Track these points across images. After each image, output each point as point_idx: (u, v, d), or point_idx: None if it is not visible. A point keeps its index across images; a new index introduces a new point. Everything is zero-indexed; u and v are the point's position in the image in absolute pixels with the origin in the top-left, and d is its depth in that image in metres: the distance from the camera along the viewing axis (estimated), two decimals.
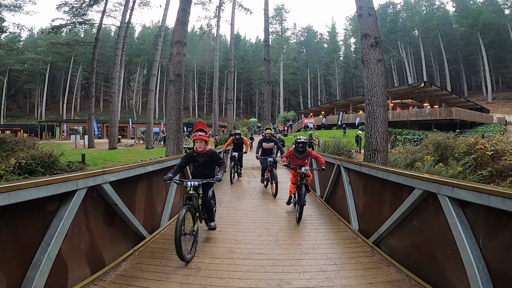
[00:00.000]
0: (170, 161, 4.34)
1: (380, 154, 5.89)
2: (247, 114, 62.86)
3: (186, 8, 8.65)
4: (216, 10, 30.77)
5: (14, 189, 1.69)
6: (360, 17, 6.45)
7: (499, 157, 7.79)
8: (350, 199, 4.20)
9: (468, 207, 2.00)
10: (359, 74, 49.83)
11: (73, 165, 12.07)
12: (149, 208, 3.65)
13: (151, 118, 22.94)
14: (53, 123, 36.52)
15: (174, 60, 8.32)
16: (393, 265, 2.71)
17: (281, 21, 53.02)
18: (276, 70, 48.85)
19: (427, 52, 49.92)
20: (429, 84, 26.36)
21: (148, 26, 62.93)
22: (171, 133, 8.05)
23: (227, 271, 2.59)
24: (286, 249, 3.14)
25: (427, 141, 9.60)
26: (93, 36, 27.66)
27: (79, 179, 2.26)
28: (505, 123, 27.99)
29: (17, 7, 24.06)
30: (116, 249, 2.82)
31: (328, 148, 11.83)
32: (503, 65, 43.43)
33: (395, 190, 2.94)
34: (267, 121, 21.77)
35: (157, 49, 23.47)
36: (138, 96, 56.13)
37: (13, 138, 12.50)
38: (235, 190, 6.71)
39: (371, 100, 6.08)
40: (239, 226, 3.96)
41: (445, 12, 49.84)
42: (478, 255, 1.84)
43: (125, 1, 23.27)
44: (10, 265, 1.74)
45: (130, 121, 36.37)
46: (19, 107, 55.12)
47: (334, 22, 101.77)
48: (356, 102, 33.13)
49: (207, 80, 58.17)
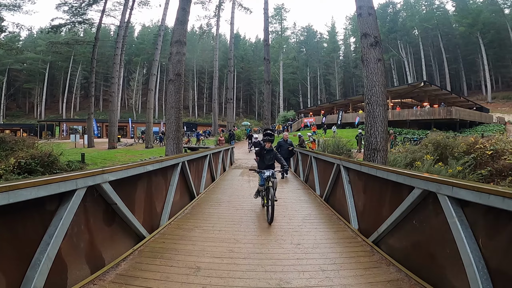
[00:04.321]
0: (169, 160, 4.33)
1: (380, 154, 5.90)
2: (246, 114, 62.89)
3: (186, 8, 8.64)
4: (216, 9, 30.78)
5: (13, 188, 1.68)
6: (360, 16, 6.45)
7: (498, 157, 7.80)
8: (349, 198, 4.20)
9: (468, 207, 2.00)
10: (359, 74, 49.84)
11: (73, 165, 12.07)
12: (149, 208, 3.64)
13: (150, 118, 22.93)
14: (53, 123, 36.50)
15: (174, 59, 8.31)
16: (393, 265, 2.71)
17: (281, 20, 53.02)
18: (276, 69, 48.82)
19: (427, 51, 49.94)
20: (429, 84, 26.38)
21: (148, 26, 62.97)
22: (171, 133, 8.04)
23: (227, 270, 2.59)
24: (286, 249, 3.14)
25: (426, 141, 9.61)
26: (93, 35, 27.59)
27: (78, 178, 2.25)
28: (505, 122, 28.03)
29: (16, 7, 24.03)
30: (115, 248, 2.82)
31: (328, 147, 11.84)
32: (502, 64, 43.46)
33: (395, 190, 2.94)
34: (267, 121, 21.77)
35: (157, 48, 23.46)
36: (137, 96, 56.11)
37: (13, 138, 12.51)
38: (235, 190, 6.71)
39: (371, 99, 6.08)
40: (239, 225, 3.96)
41: (445, 12, 49.86)
42: (478, 254, 1.84)
43: (125, 0, 23.24)
44: (9, 265, 1.74)
45: (130, 121, 36.39)
46: (19, 107, 55.08)
47: (334, 21, 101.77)
48: (355, 102, 33.14)
49: (207, 79, 58.14)
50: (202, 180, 6.42)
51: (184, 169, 4.97)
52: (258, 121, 53.31)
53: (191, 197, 5.42)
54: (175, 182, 4.40)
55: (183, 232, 3.64)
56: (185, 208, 4.81)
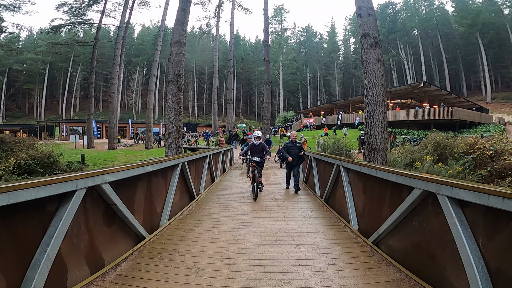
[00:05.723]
0: (169, 161, 4.33)
1: (380, 154, 5.90)
2: (246, 114, 62.89)
3: (186, 8, 8.65)
4: (216, 10, 30.81)
5: (13, 189, 1.68)
6: (360, 17, 6.46)
7: (498, 157, 7.81)
8: (349, 199, 4.20)
9: (468, 207, 2.00)
10: (359, 74, 49.89)
11: (73, 165, 12.07)
12: (149, 208, 3.64)
13: (150, 118, 22.94)
14: (53, 123, 36.49)
15: (174, 60, 8.32)
16: (393, 265, 2.71)
17: (281, 21, 53.01)
18: (275, 70, 48.81)
19: (427, 52, 49.98)
20: (429, 84, 26.38)
21: (148, 26, 62.94)
22: (171, 133, 8.04)
23: (227, 271, 2.59)
24: (285, 249, 3.14)
25: (426, 141, 9.61)
26: (93, 36, 27.64)
27: (78, 179, 2.25)
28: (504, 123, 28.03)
29: (16, 7, 24.03)
30: (115, 249, 2.82)
31: (328, 148, 11.85)
32: (502, 65, 43.49)
33: (395, 190, 2.94)
34: (267, 121, 21.78)
35: (157, 49, 23.47)
36: (137, 96, 56.09)
37: (13, 138, 12.49)
38: (235, 191, 6.71)
39: (371, 100, 6.09)
40: (239, 226, 3.96)
41: (445, 12, 49.92)
42: (478, 255, 1.84)
43: (125, 1, 23.28)
44: (9, 265, 1.74)
45: (130, 121, 36.40)
46: (18, 107, 55.06)
47: (333, 22, 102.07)
48: (355, 102, 33.15)
49: (207, 80, 58.14)
50: (202, 181, 6.42)
51: (184, 170, 4.97)
52: (258, 122, 53.26)
53: (191, 198, 5.42)
54: (175, 183, 4.40)
55: (183, 232, 3.64)
56: (185, 209, 4.81)
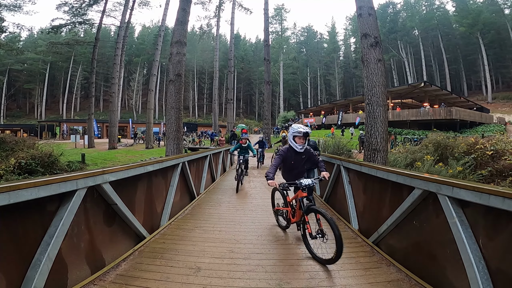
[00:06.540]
0: (170, 161, 4.33)
1: (380, 154, 5.90)
2: (247, 114, 62.88)
3: (186, 8, 8.65)
4: (216, 10, 30.79)
5: (13, 189, 1.69)
6: (360, 17, 6.45)
7: (499, 157, 7.80)
8: (350, 198, 4.19)
9: (468, 207, 2.00)
10: (359, 74, 49.82)
11: (73, 165, 12.08)
12: (149, 208, 3.65)
13: (151, 118, 22.96)
14: (53, 123, 36.58)
15: (174, 60, 8.32)
16: (393, 265, 2.71)
17: (281, 21, 52.97)
18: (276, 70, 48.83)
19: (427, 52, 49.93)
20: (429, 84, 26.36)
21: (148, 26, 62.97)
22: (171, 133, 8.05)
23: (227, 271, 2.59)
24: (286, 249, 3.14)
25: (427, 141, 9.61)
26: (93, 36, 27.65)
27: (79, 179, 2.25)
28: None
29: (16, 7, 24.06)
30: (116, 249, 2.82)
31: (328, 148, 11.84)
32: (503, 64, 43.44)
33: (395, 190, 2.94)
34: (267, 121, 21.78)
35: (157, 49, 23.49)
36: (138, 96, 56.12)
37: (13, 138, 12.51)
38: (236, 190, 6.70)
39: (371, 100, 6.08)
40: (239, 226, 3.95)
41: (445, 12, 49.86)
42: (478, 254, 1.84)
43: (125, 1, 23.29)
44: (10, 265, 1.74)
45: (130, 121, 36.44)
46: (19, 107, 55.12)
47: (334, 22, 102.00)
48: (356, 102, 33.14)
49: (207, 80, 58.15)
50: (202, 181, 6.42)
51: (184, 170, 4.97)
52: (258, 122, 53.27)
53: (191, 198, 5.42)
54: (175, 183, 4.40)
55: (183, 232, 3.64)
56: (185, 209, 4.81)
